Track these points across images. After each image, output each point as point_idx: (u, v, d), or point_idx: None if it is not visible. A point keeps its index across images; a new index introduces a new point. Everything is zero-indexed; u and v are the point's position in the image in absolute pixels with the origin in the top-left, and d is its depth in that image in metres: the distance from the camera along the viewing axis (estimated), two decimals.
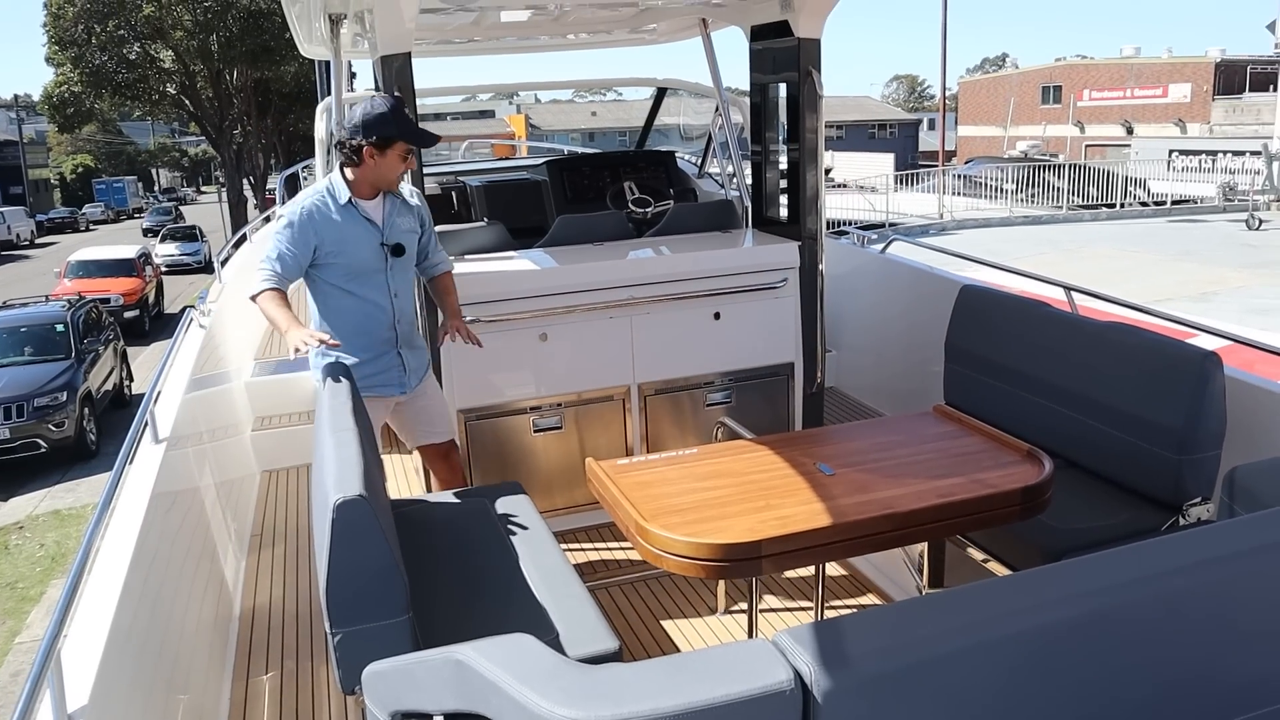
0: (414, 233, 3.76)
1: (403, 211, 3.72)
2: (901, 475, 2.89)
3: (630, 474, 2.93)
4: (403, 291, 3.74)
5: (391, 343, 3.74)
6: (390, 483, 5.31)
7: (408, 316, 3.79)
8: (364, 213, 3.63)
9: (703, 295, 4.56)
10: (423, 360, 3.91)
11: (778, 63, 4.81)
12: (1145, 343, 3.55)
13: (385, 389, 3.78)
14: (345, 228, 3.59)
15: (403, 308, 3.74)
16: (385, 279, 3.68)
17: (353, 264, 3.60)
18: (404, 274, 3.75)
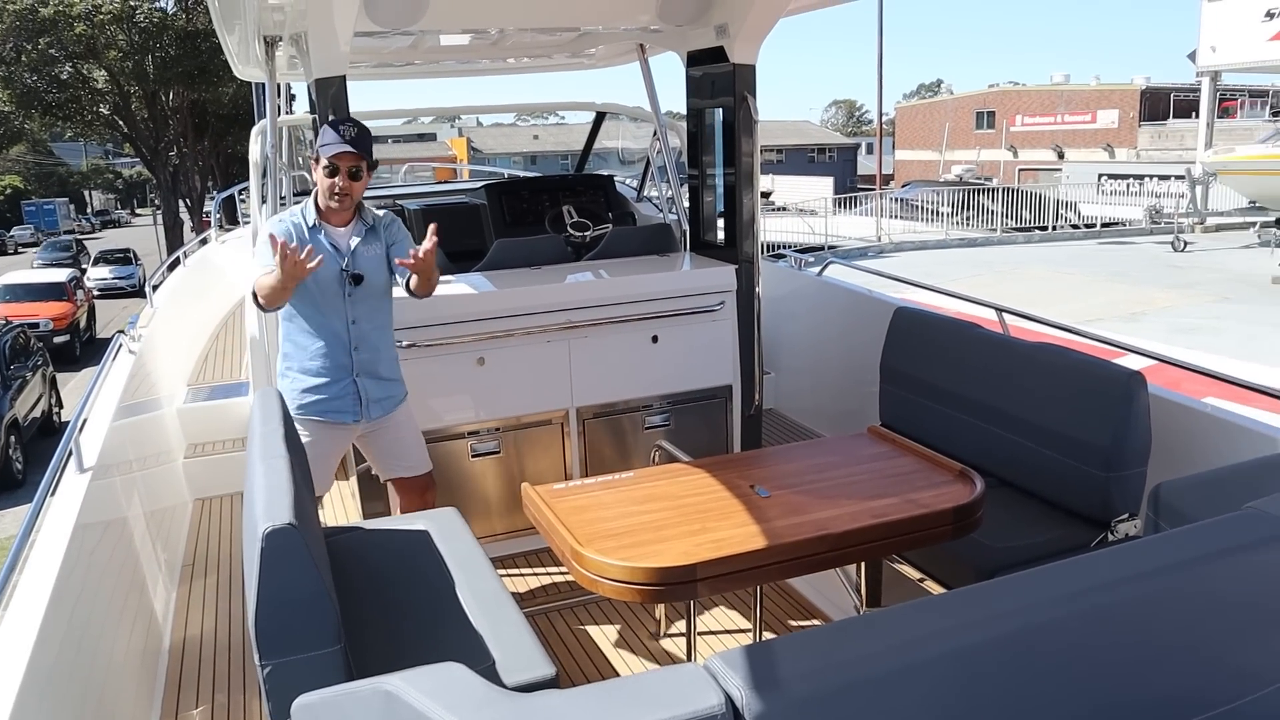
0: (381, 262, 3.68)
1: (371, 240, 3.66)
2: (836, 496, 2.91)
3: (566, 498, 2.92)
4: (365, 319, 3.68)
5: (348, 370, 3.69)
6: (327, 509, 5.24)
7: (370, 345, 3.72)
8: (329, 237, 3.60)
9: (640, 319, 4.57)
10: (390, 392, 3.81)
11: (714, 88, 4.86)
12: (1073, 363, 3.63)
13: (339, 415, 3.73)
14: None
15: (363, 336, 3.68)
16: (344, 306, 3.63)
17: (312, 287, 3.54)
18: (366, 303, 3.67)
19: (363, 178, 3.59)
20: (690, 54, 5.00)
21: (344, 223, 3.65)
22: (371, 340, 3.72)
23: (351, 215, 3.67)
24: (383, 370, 3.79)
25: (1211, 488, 2.89)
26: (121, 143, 42.80)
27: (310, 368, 3.67)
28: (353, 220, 3.67)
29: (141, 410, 5.06)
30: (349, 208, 3.62)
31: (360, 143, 3.54)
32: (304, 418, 3.69)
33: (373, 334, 3.72)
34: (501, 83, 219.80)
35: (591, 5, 4.77)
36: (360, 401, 3.73)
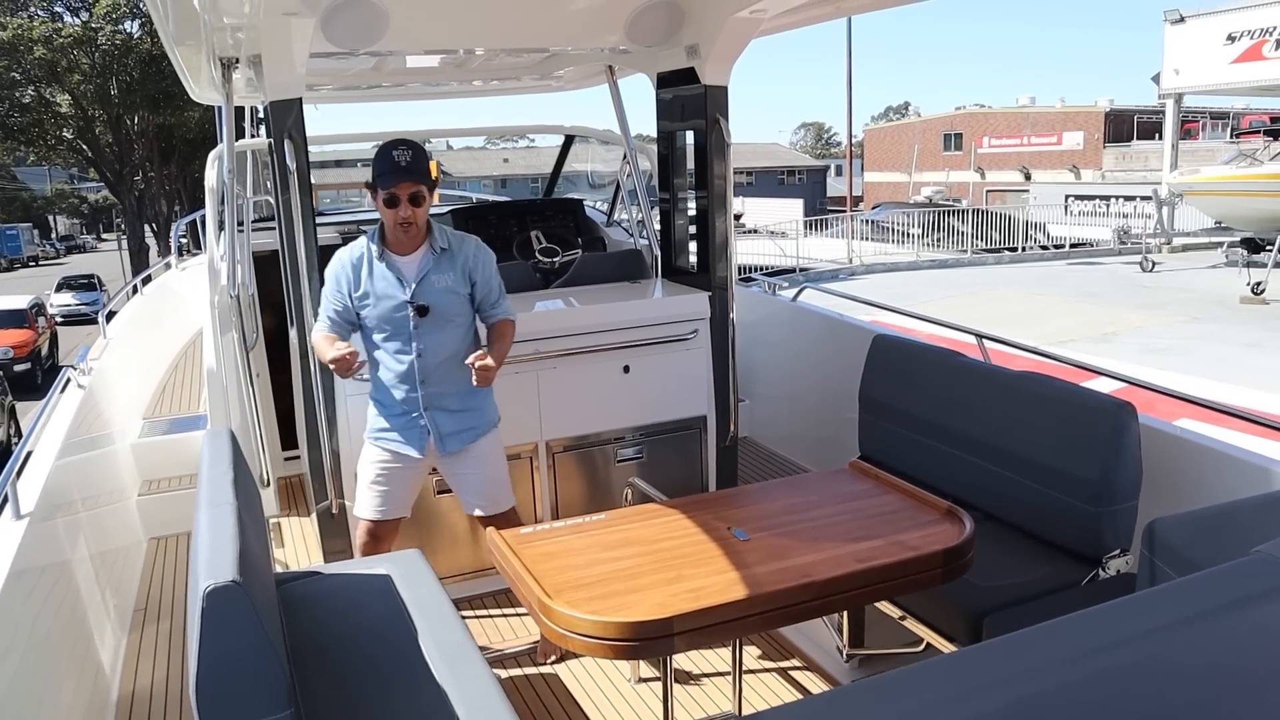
0: (454, 292, 3.50)
1: (445, 268, 3.49)
2: (819, 539, 2.76)
3: (533, 544, 2.75)
4: (433, 352, 3.52)
5: (415, 403, 3.57)
6: (289, 549, 5.03)
7: (441, 378, 3.55)
8: (396, 267, 3.48)
9: (611, 348, 4.42)
10: (468, 424, 3.63)
11: (685, 110, 4.74)
12: (1060, 393, 3.51)
13: (406, 446, 3.62)
14: (376, 280, 3.48)
15: (432, 368, 3.53)
16: (410, 338, 3.50)
17: (380, 318, 3.48)
18: (436, 334, 3.51)
19: (425, 201, 3.42)
20: (660, 75, 4.88)
21: (411, 250, 3.49)
22: (443, 372, 3.54)
23: (420, 241, 3.50)
24: (456, 403, 3.60)
25: (1209, 526, 2.77)
26: (86, 167, 42.33)
27: (382, 397, 3.61)
28: (422, 246, 3.50)
29: (90, 447, 4.84)
30: (416, 235, 3.48)
31: (416, 166, 3.37)
32: (375, 445, 3.66)
33: (444, 365, 3.54)
34: (470, 105, 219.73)
35: (558, 26, 4.64)
36: (430, 435, 3.59)
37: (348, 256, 3.52)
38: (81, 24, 31.01)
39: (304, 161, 3.87)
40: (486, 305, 3.62)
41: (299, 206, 3.84)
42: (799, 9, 4.35)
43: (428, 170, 3.42)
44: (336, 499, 4.08)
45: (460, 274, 3.52)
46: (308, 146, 3.93)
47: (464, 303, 3.55)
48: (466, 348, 3.56)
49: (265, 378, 5.75)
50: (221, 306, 5.08)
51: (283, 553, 5.00)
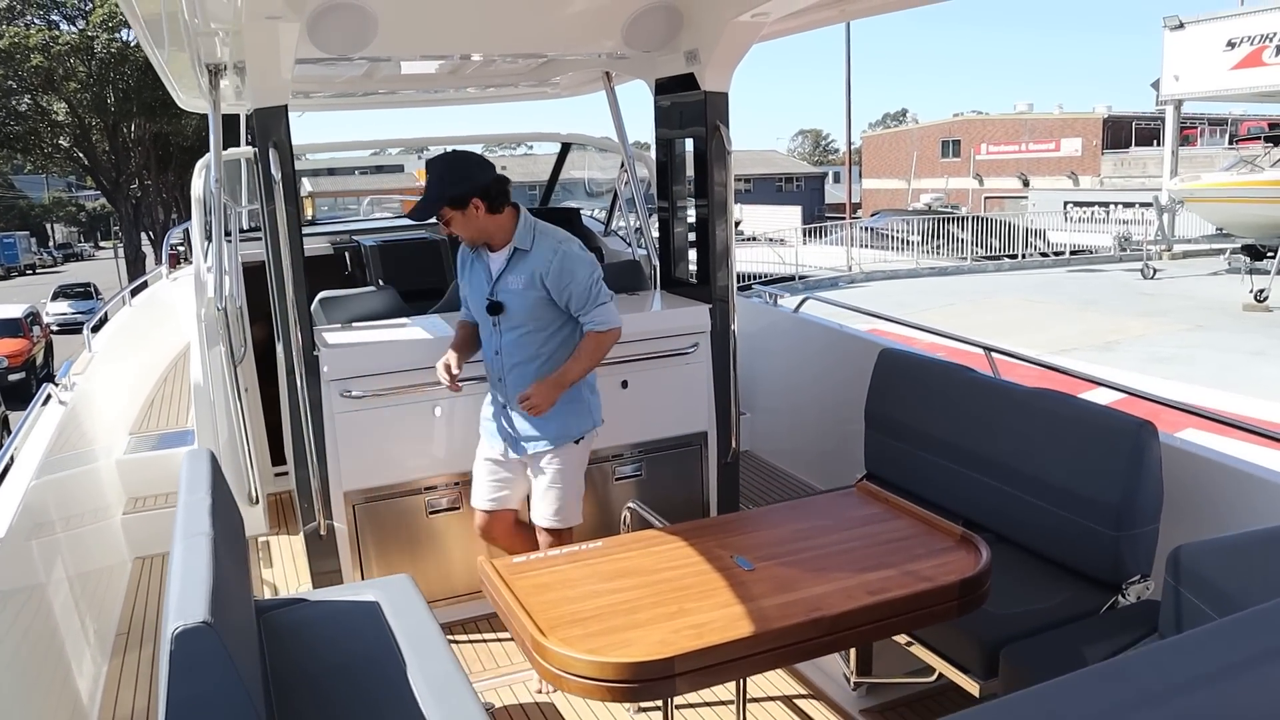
0: (523, 295, 3.45)
1: (519, 269, 3.45)
2: (827, 568, 2.62)
3: (527, 575, 2.61)
4: (508, 352, 3.53)
5: (499, 399, 3.63)
6: (277, 569, 4.89)
7: (516, 379, 3.54)
8: (485, 261, 3.53)
9: (609, 363, 4.27)
10: (539, 431, 3.56)
11: (684, 116, 4.61)
12: (1077, 411, 3.37)
13: (490, 440, 3.71)
14: (473, 272, 3.59)
15: (508, 368, 3.54)
16: (492, 334, 3.56)
17: (474, 310, 3.61)
18: (510, 334, 3.51)
19: (454, 220, 3.42)
20: (659, 82, 4.74)
21: (501, 246, 3.49)
22: (518, 374, 3.52)
23: (508, 237, 3.47)
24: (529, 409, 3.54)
25: (1239, 553, 2.63)
26: (83, 175, 42.20)
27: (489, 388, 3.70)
28: (510, 243, 3.48)
29: (72, 464, 4.69)
30: (479, 242, 3.51)
31: (423, 205, 3.44)
32: (481, 433, 3.76)
33: (520, 368, 3.52)
34: (465, 113, 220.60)
35: (554, 31, 4.51)
36: (506, 432, 3.63)
37: (465, 249, 3.64)
38: (78, 32, 30.90)
39: (290, 170, 3.73)
40: (576, 308, 3.48)
41: (285, 216, 3.71)
42: (802, 13, 4.22)
43: (441, 195, 3.39)
44: (325, 520, 3.94)
45: (532, 277, 3.43)
46: (294, 155, 3.80)
47: (539, 306, 3.46)
48: (545, 354, 3.52)
49: (255, 391, 5.61)
50: (209, 319, 4.95)
51: (271, 573, 4.85)
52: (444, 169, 3.42)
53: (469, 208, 3.37)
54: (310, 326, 3.89)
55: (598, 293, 3.47)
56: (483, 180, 3.39)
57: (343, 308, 4.45)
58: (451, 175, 3.40)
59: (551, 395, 3.42)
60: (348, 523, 4.01)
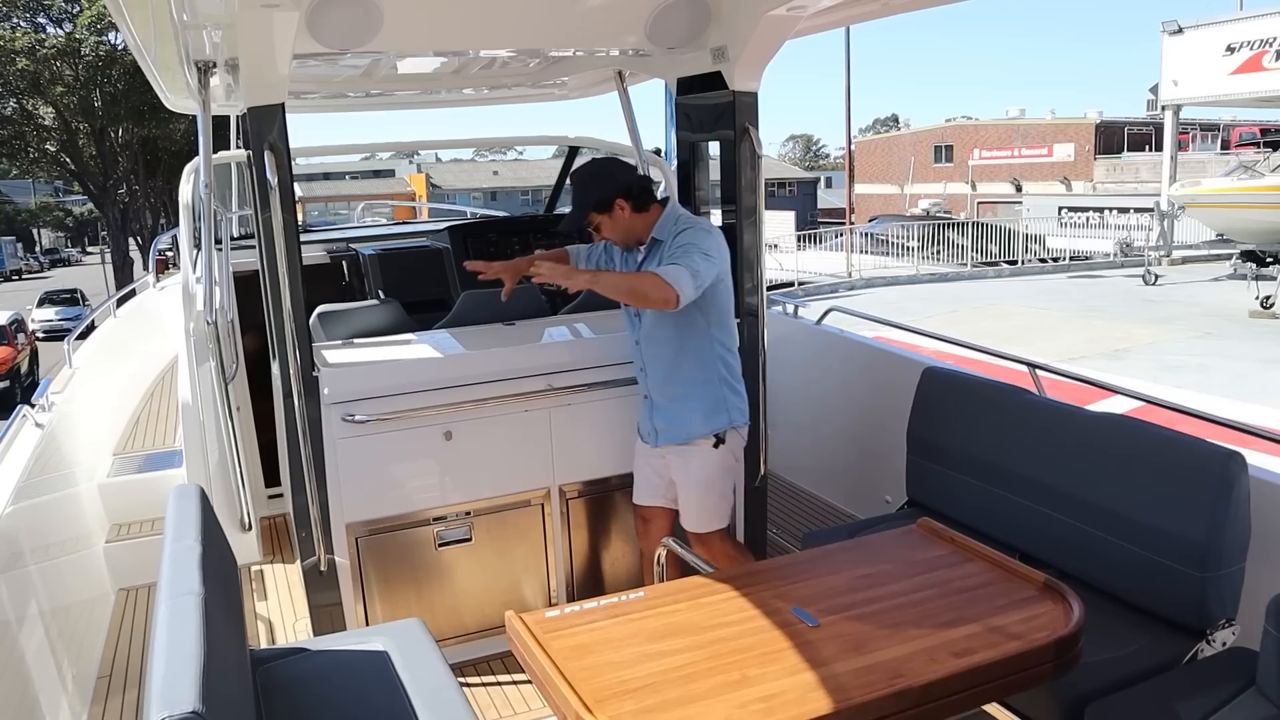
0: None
1: (656, 259, 3.41)
2: (902, 624, 2.32)
3: (563, 634, 2.30)
4: (646, 342, 3.56)
5: (643, 387, 3.65)
6: (272, 602, 4.56)
7: (655, 369, 3.57)
8: (636, 255, 3.54)
9: (631, 381, 3.98)
10: (675, 423, 3.54)
11: (709, 118, 4.31)
12: (1154, 439, 3.08)
13: (641, 432, 3.72)
14: (618, 264, 3.65)
15: (650, 358, 3.57)
16: (632, 324, 3.61)
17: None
18: (650, 324, 3.51)
19: (603, 224, 3.46)
20: (681, 81, 4.44)
21: (644, 241, 3.49)
22: (656, 366, 3.56)
23: (646, 233, 3.48)
24: (674, 401, 3.55)
25: None
26: (70, 180, 41.73)
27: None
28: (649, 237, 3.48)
29: (50, 489, 4.37)
30: (630, 243, 3.52)
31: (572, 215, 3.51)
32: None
33: (657, 360, 3.55)
34: (460, 116, 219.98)
35: (571, 26, 4.20)
36: (650, 425, 3.63)
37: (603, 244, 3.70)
38: (65, 35, 30.49)
39: (287, 174, 3.42)
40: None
41: (281, 224, 3.39)
42: (839, 6, 3.93)
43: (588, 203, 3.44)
44: (326, 554, 3.63)
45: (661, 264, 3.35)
46: (291, 158, 3.49)
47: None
48: (683, 347, 3.49)
49: (247, 408, 5.28)
50: (198, 334, 4.63)
51: (266, 606, 4.53)
52: (585, 176, 3.50)
53: (614, 210, 3.40)
54: (309, 344, 3.58)
55: (689, 256, 3.25)
56: (624, 180, 3.44)
57: (343, 322, 4.14)
58: (594, 181, 3.46)
59: (555, 273, 3.29)
60: (350, 558, 3.70)
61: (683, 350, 3.48)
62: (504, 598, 3.98)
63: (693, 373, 3.50)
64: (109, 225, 36.17)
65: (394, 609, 3.80)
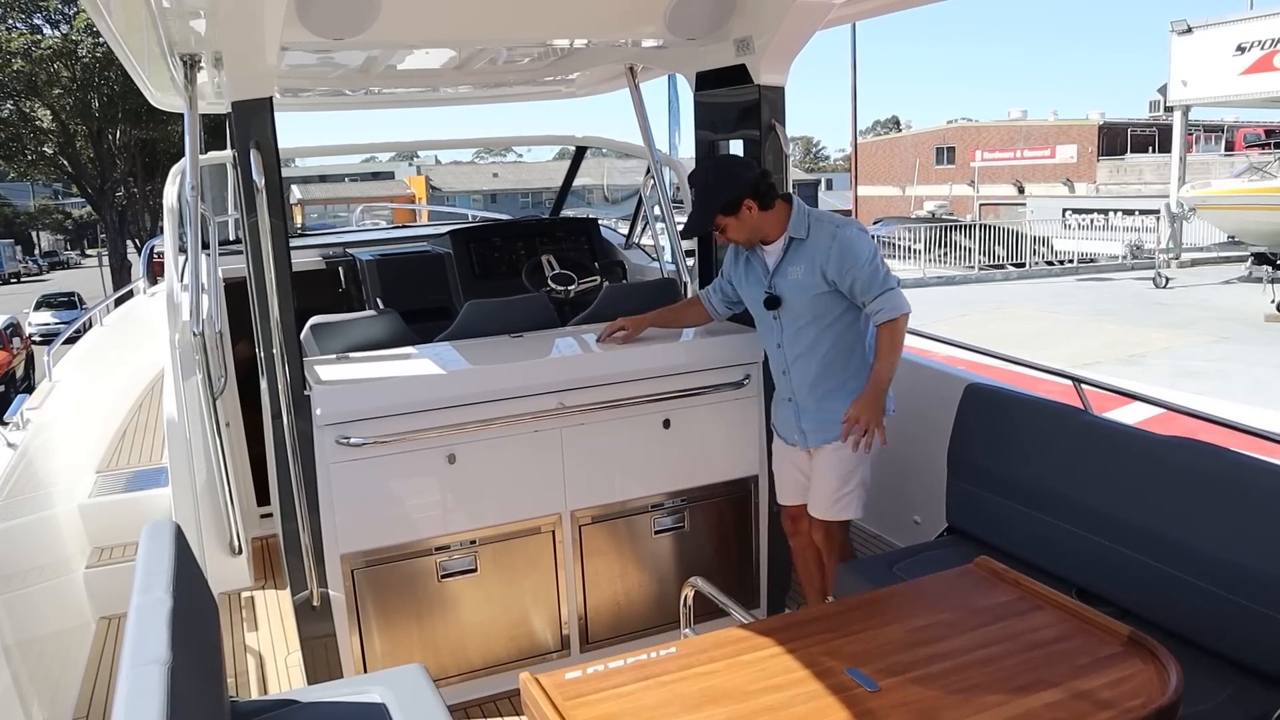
0: (804, 286, 3.36)
1: (798, 258, 3.37)
2: (974, 689, 2.02)
3: (586, 701, 2.00)
4: (790, 344, 3.46)
5: (784, 392, 3.57)
6: (263, 633, 4.27)
7: (801, 370, 3.47)
8: (760, 255, 3.47)
9: (651, 400, 3.69)
10: (822, 424, 3.47)
11: (732, 114, 4.02)
12: (1231, 465, 2.79)
13: (780, 433, 3.66)
14: (747, 267, 3.54)
15: (793, 359, 3.47)
16: (773, 327, 3.50)
17: (751, 304, 3.56)
18: (793, 326, 3.44)
19: (729, 226, 3.38)
20: (701, 75, 4.16)
21: (774, 239, 3.41)
22: (801, 367, 3.47)
23: (781, 230, 3.39)
24: (822, 401, 3.46)
25: None
26: (68, 183, 41.46)
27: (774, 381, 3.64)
28: (785, 234, 3.39)
29: (24, 511, 4.08)
30: (755, 242, 3.44)
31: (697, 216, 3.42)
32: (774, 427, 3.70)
33: (802, 360, 3.46)
34: (461, 117, 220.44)
35: (584, 16, 3.92)
36: (796, 428, 3.55)
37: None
38: (61, 36, 30.21)
39: (275, 174, 3.13)
40: (859, 301, 3.34)
41: (268, 227, 3.10)
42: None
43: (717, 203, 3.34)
44: (319, 587, 3.33)
45: (811, 267, 3.33)
46: (280, 157, 3.20)
47: (821, 298, 3.36)
48: (827, 342, 3.41)
49: (238, 423, 4.99)
50: (184, 346, 4.34)
51: (256, 638, 4.23)
52: (709, 177, 3.41)
53: (741, 211, 3.32)
54: (300, 360, 3.29)
55: (884, 276, 3.30)
56: (750, 179, 3.34)
57: (338, 335, 3.85)
58: (719, 182, 3.35)
59: (876, 409, 3.30)
60: (345, 591, 3.40)
61: (835, 347, 3.42)
62: (512, 632, 3.69)
63: (841, 369, 3.44)
64: (107, 228, 35.92)
65: (393, 646, 3.51)
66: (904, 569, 3.37)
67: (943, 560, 3.39)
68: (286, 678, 3.89)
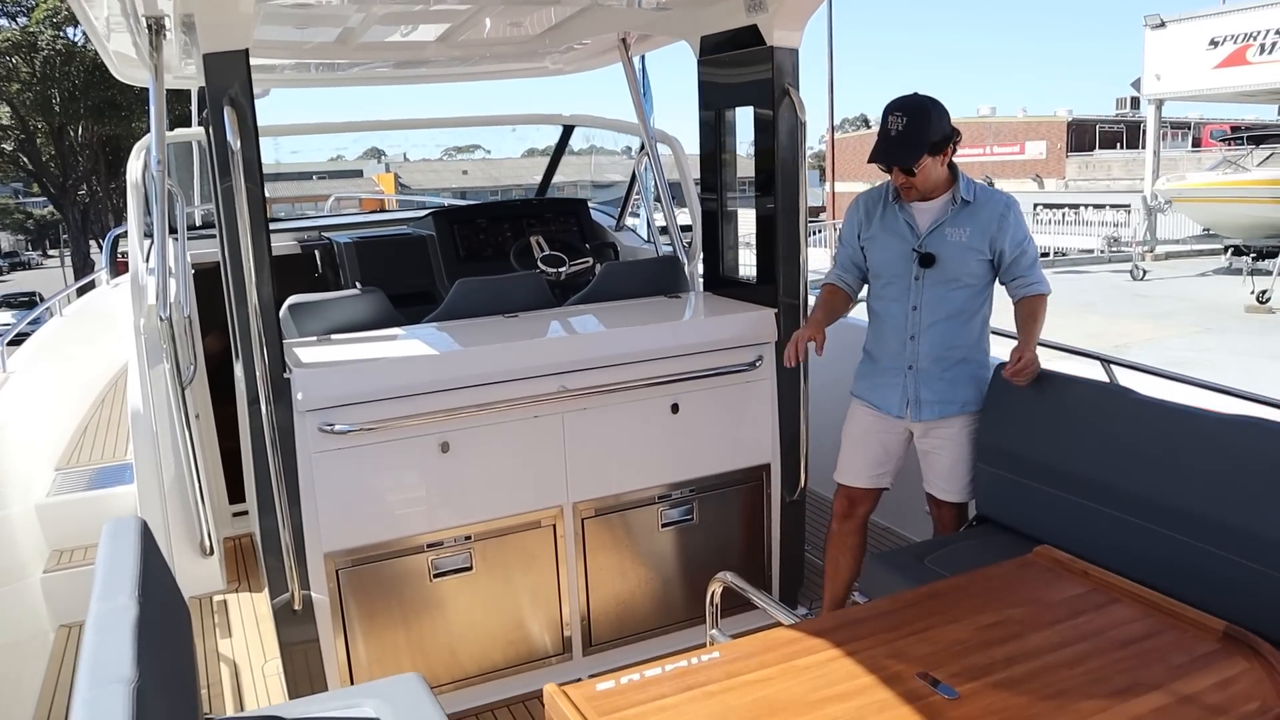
0: (968, 249, 3.18)
1: (963, 222, 3.19)
2: (1066, 694, 1.77)
3: (625, 715, 1.72)
4: (930, 307, 3.24)
5: (900, 359, 3.32)
6: (237, 639, 3.97)
7: (934, 337, 3.25)
8: (906, 213, 3.25)
9: (659, 382, 3.43)
10: (949, 396, 3.29)
11: (741, 81, 3.76)
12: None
13: (886, 406, 3.38)
14: (887, 222, 3.30)
15: (927, 325, 3.25)
16: (909, 288, 3.25)
17: (884, 262, 3.31)
18: (939, 289, 3.23)
19: (925, 168, 3.11)
20: (706, 40, 3.90)
21: (931, 197, 3.21)
22: (936, 332, 3.26)
23: (944, 189, 3.21)
24: (947, 370, 3.29)
25: None
26: (29, 181, 40.53)
27: (874, 349, 3.43)
28: (945, 195, 3.21)
29: None
30: (926, 194, 3.20)
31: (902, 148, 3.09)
32: (857, 401, 3.47)
33: (938, 326, 3.25)
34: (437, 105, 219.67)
35: None
36: (910, 400, 3.32)
37: (865, 197, 3.39)
38: (19, 29, 29.46)
39: (251, 136, 2.84)
40: (1014, 274, 3.24)
41: (244, 194, 2.81)
42: None
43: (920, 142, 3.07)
44: (300, 589, 3.04)
45: (980, 232, 3.18)
46: (256, 119, 2.90)
47: (978, 264, 3.22)
48: (969, 310, 3.27)
49: (208, 415, 4.67)
50: (149, 331, 4.03)
51: (230, 645, 3.93)
52: (929, 108, 3.09)
53: (941, 155, 3.12)
54: (279, 340, 3.00)
55: (1035, 253, 3.28)
56: (953, 128, 3.14)
57: (319, 315, 3.55)
58: (937, 115, 3.09)
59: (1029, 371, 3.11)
60: (329, 593, 3.11)
61: (973, 316, 3.28)
62: (510, 635, 3.42)
63: (972, 343, 3.31)
64: (69, 226, 35.10)
65: (381, 652, 3.23)
66: (937, 561, 3.12)
67: (979, 551, 3.16)
68: (265, 690, 3.59)
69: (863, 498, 3.51)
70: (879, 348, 3.39)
